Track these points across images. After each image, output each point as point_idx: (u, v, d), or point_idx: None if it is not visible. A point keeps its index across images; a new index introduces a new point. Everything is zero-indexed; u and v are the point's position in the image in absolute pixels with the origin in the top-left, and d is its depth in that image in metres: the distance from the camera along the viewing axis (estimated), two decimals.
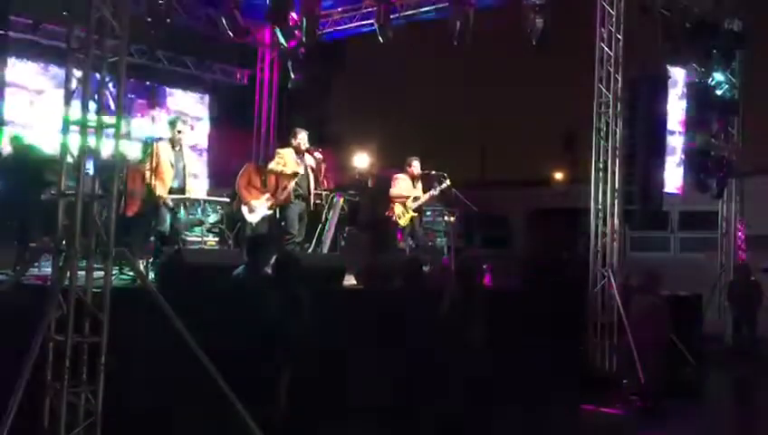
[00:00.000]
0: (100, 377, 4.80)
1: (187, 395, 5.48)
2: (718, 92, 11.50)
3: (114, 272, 5.43)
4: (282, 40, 10.70)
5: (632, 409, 7.84)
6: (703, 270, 12.32)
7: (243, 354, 5.61)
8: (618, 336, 8.99)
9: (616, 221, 9.28)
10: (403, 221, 10.12)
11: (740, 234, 12.09)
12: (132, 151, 9.41)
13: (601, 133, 9.38)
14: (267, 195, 9.54)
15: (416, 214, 10.21)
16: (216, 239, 9.73)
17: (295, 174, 8.97)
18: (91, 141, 4.94)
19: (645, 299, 8.75)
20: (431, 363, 6.37)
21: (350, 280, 8.16)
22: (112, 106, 5.09)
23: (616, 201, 9.29)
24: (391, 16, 10.70)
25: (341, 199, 10.36)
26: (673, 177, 10.82)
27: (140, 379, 5.35)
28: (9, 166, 8.52)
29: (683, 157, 11.12)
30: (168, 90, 12.81)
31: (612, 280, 9.16)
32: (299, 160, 9.04)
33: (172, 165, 8.33)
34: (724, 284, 11.78)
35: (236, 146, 12.97)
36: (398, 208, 10.13)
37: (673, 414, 7.54)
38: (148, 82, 12.32)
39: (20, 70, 10.97)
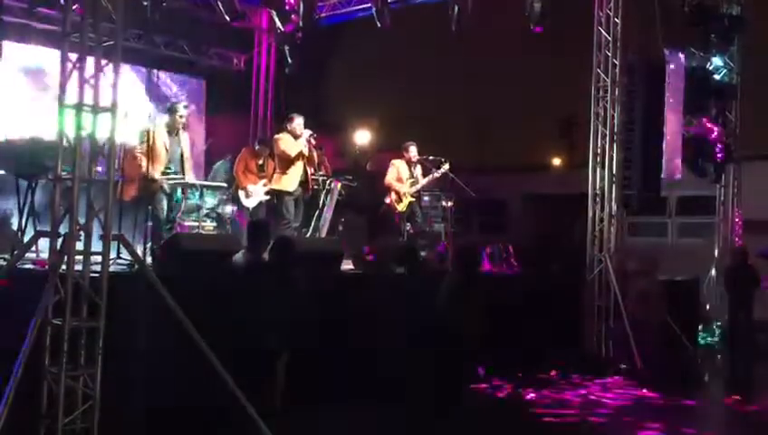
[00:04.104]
0: (98, 361, 4.81)
1: (186, 380, 5.49)
2: (716, 77, 11.48)
3: (111, 256, 5.42)
4: (279, 24, 10.65)
5: (629, 392, 7.87)
6: (700, 255, 12.33)
7: (241, 338, 5.63)
8: (615, 320, 9.03)
9: (614, 206, 9.29)
10: (401, 206, 10.12)
11: (737, 219, 12.10)
12: (129, 135, 9.37)
13: (599, 118, 9.38)
14: (264, 180, 9.55)
15: (413, 199, 10.21)
16: (214, 224, 9.74)
17: (301, 154, 8.97)
18: (87, 126, 4.93)
19: (642, 283, 8.78)
20: (427, 347, 6.40)
21: (347, 264, 8.17)
22: (108, 90, 5.06)
23: (614, 186, 9.29)
24: (389, 0, 10.64)
25: (339, 185, 10.35)
26: (671, 162, 10.81)
27: (138, 363, 5.36)
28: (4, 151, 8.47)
29: (681, 142, 11.11)
30: (163, 74, 12.73)
31: (609, 265, 9.18)
32: (296, 145, 9.05)
33: (166, 148, 8.30)
34: (721, 268, 11.80)
35: (233, 131, 12.92)
36: (395, 193, 10.13)
37: (669, 398, 7.57)
38: (144, 67, 12.25)
39: (16, 53, 10.91)
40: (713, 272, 11.77)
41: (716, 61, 11.43)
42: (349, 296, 6.94)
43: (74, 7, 5.09)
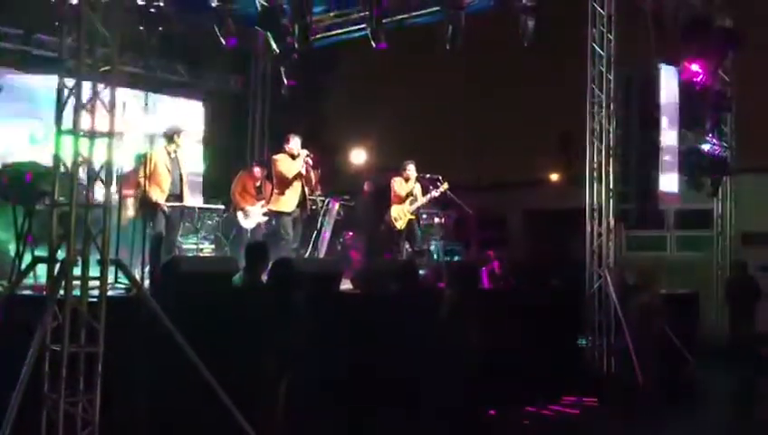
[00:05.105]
0: (97, 387, 4.79)
1: (185, 403, 5.47)
2: (711, 90, 11.52)
3: (109, 281, 5.42)
4: (274, 46, 10.71)
5: (630, 407, 7.84)
6: (699, 268, 12.33)
7: (241, 361, 5.61)
8: (615, 336, 9.00)
9: (611, 221, 9.30)
10: (400, 224, 10.13)
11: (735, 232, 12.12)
12: (126, 159, 9.40)
13: (595, 133, 9.41)
14: (262, 201, 9.57)
15: (413, 217, 10.22)
16: (212, 247, 9.75)
17: (299, 174, 9.00)
18: (84, 151, 4.95)
19: (642, 298, 8.77)
20: (429, 366, 6.38)
21: (346, 284, 8.16)
22: (105, 115, 5.08)
23: (611, 201, 9.31)
24: (383, 21, 10.70)
25: (337, 205, 10.37)
26: (668, 175, 10.82)
27: (137, 387, 5.34)
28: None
29: (677, 155, 11.13)
30: (161, 97, 12.78)
31: (609, 279, 9.17)
32: (294, 165, 9.08)
33: (169, 171, 8.33)
34: (722, 281, 11.79)
35: (231, 153, 12.95)
36: (394, 212, 10.14)
37: (671, 412, 7.54)
38: (141, 91, 12.30)
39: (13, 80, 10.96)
40: (713, 285, 11.77)
41: (711, 74, 11.45)
42: (348, 317, 6.92)
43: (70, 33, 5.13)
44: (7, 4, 9.77)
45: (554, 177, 21.03)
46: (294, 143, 9.12)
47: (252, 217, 9.55)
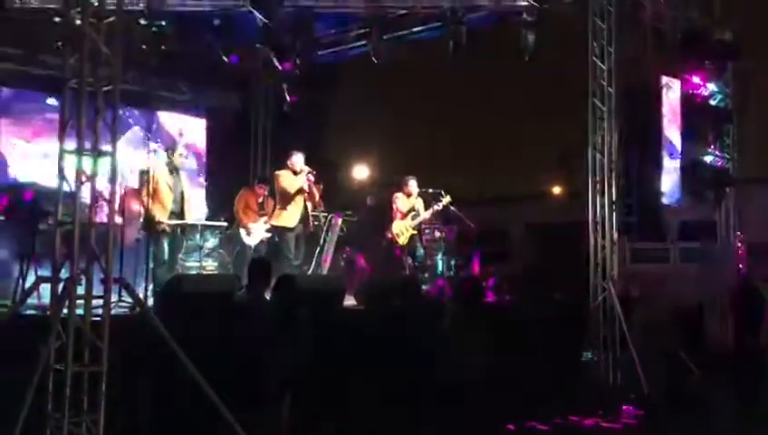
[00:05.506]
0: (100, 406, 4.77)
1: (188, 422, 5.45)
2: (712, 102, 11.55)
3: (113, 300, 5.42)
4: (276, 63, 10.76)
5: (636, 421, 7.80)
6: (703, 280, 12.28)
7: (244, 379, 5.60)
8: (620, 348, 8.97)
9: (614, 233, 9.29)
10: (402, 240, 10.12)
11: (739, 244, 12.08)
12: (129, 177, 9.44)
13: (597, 146, 9.42)
14: (265, 217, 9.58)
15: (415, 232, 10.22)
16: (215, 264, 9.75)
17: (301, 190, 9.02)
18: (87, 170, 4.96)
19: (646, 310, 8.74)
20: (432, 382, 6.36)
21: (349, 300, 8.15)
22: (108, 134, 5.10)
23: (614, 214, 9.31)
24: (384, 37, 10.75)
25: (340, 221, 10.37)
26: (670, 187, 10.84)
27: (141, 407, 5.32)
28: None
29: (680, 167, 11.15)
30: (163, 115, 12.83)
31: (613, 292, 9.15)
32: (296, 181, 9.10)
33: (171, 189, 8.35)
34: (726, 293, 11.74)
35: (233, 169, 12.98)
36: (396, 227, 10.14)
37: (676, 425, 7.50)
38: (143, 110, 12.35)
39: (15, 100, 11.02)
40: (717, 297, 11.72)
41: (711, 86, 11.51)
42: (352, 334, 6.90)
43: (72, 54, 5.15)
44: (9, 23, 9.83)
45: (556, 190, 21.05)
46: (297, 159, 9.17)
47: (254, 233, 9.56)
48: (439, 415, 6.36)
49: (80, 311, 4.83)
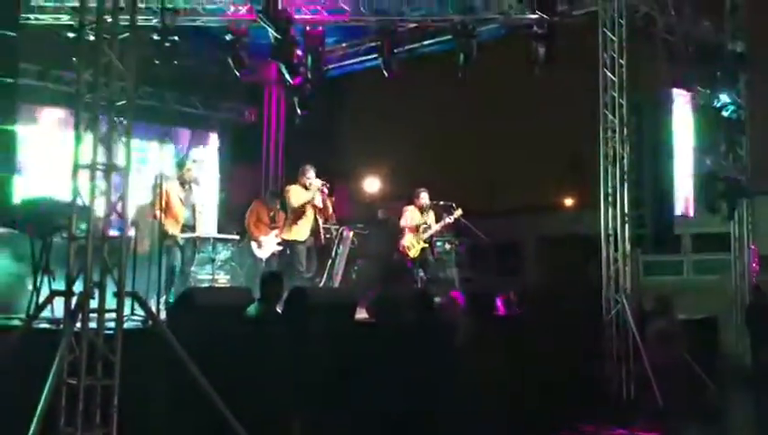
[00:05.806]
0: (113, 420, 4.78)
1: None
2: (725, 114, 11.50)
3: (126, 313, 5.43)
4: (288, 77, 10.81)
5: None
6: (717, 293, 12.20)
7: (256, 392, 5.59)
8: (634, 362, 8.91)
9: (627, 246, 9.25)
10: (413, 252, 10.10)
11: (753, 255, 12.00)
12: (142, 191, 9.47)
13: (608, 158, 9.39)
14: (276, 230, 9.60)
15: (426, 245, 10.20)
16: (228, 277, 9.76)
17: (312, 204, 9.04)
18: (101, 184, 4.99)
19: (660, 323, 8.68)
20: (445, 396, 6.33)
21: (361, 313, 8.13)
22: (122, 149, 5.13)
23: (626, 226, 9.26)
24: (395, 50, 10.79)
25: (351, 233, 10.37)
26: (683, 199, 10.78)
27: (153, 420, 5.32)
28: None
29: (692, 179, 11.09)
30: (176, 130, 12.91)
31: (626, 305, 9.09)
32: (307, 195, 9.12)
33: (183, 202, 8.40)
34: (741, 305, 11.66)
35: (245, 183, 13.03)
36: (407, 240, 10.13)
37: None
38: (156, 124, 12.43)
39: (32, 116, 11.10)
40: (732, 310, 11.63)
41: (724, 97, 11.46)
42: (364, 348, 6.88)
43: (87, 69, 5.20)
44: (24, 39, 9.92)
45: (568, 202, 21.02)
46: (309, 174, 9.20)
47: (265, 246, 9.57)
48: (454, 428, 6.32)
49: (92, 324, 4.85)
